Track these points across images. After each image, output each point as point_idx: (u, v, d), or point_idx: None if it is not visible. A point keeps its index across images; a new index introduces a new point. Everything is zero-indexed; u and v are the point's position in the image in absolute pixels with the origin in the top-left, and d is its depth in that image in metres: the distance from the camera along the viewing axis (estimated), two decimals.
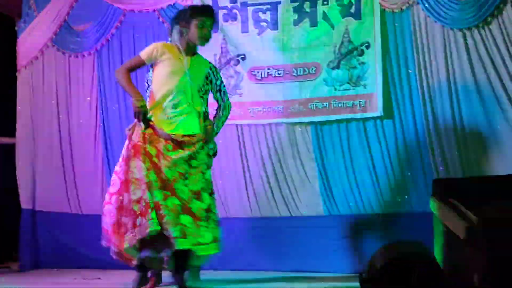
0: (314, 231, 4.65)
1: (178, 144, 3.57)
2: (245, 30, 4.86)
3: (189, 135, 3.61)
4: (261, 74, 4.83)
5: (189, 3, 4.99)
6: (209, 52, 4.90)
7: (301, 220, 4.74)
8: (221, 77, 3.91)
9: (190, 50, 3.72)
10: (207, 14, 3.71)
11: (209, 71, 3.84)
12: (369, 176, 4.58)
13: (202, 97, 3.77)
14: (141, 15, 5.12)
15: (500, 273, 2.71)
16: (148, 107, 3.59)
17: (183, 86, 3.60)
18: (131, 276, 3.73)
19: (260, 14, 4.84)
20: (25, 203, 5.26)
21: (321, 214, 4.69)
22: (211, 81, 3.84)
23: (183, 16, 3.70)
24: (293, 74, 4.74)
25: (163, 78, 3.63)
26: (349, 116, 4.60)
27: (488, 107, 4.33)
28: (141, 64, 3.72)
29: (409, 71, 4.54)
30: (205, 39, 3.71)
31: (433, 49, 4.47)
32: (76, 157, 5.21)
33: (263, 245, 4.77)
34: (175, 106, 3.59)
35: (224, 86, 3.90)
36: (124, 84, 3.68)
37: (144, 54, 3.67)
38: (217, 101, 3.89)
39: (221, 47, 4.90)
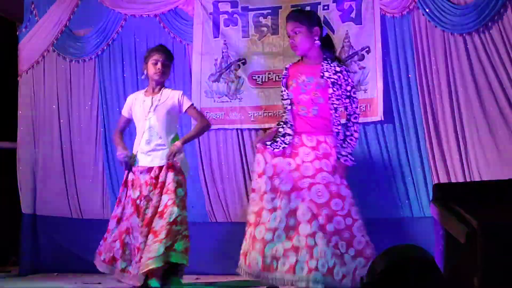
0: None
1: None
2: (245, 35, 4.88)
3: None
4: (262, 78, 4.83)
5: (190, 8, 5.01)
6: (210, 57, 4.93)
7: None
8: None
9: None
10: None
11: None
12: (370, 180, 4.58)
13: None
14: (142, 20, 5.14)
15: (500, 278, 2.71)
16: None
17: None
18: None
19: (261, 19, 4.85)
20: (25, 208, 5.26)
21: None
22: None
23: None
24: None
25: None
26: None
27: (489, 111, 4.32)
28: None
29: (409, 75, 4.54)
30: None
31: (433, 53, 4.48)
32: (76, 162, 5.22)
33: None
34: None
35: None
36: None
37: None
38: None
39: (222, 52, 4.91)
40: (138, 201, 3.92)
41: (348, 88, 3.60)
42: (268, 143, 3.60)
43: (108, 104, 5.17)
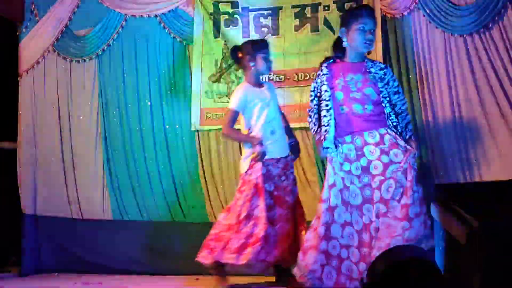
0: None
1: None
2: (246, 35, 4.87)
3: None
4: (262, 79, 4.82)
5: (190, 9, 5.01)
6: (210, 57, 4.93)
7: None
8: None
9: None
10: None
11: None
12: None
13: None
14: (142, 20, 5.14)
15: (500, 278, 2.71)
16: None
17: None
18: (131, 281, 3.74)
19: (261, 19, 4.85)
20: (26, 208, 5.26)
21: None
22: None
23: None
24: (294, 79, 4.75)
25: None
26: None
27: (489, 112, 4.33)
28: None
29: (410, 76, 4.54)
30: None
31: (434, 54, 4.48)
32: (77, 162, 5.21)
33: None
34: None
35: None
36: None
37: None
38: None
39: (223, 52, 4.91)
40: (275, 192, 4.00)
41: (395, 84, 3.63)
42: (332, 152, 3.55)
43: (108, 104, 5.16)
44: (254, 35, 4.85)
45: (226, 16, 4.93)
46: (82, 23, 5.27)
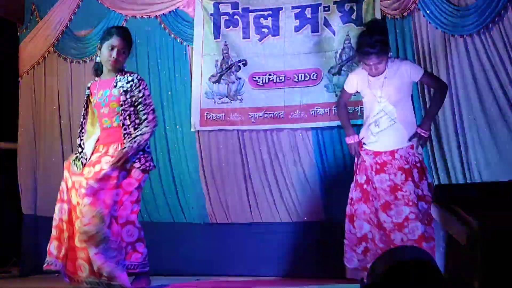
0: (315, 237, 4.65)
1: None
2: (246, 36, 4.88)
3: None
4: (262, 80, 4.83)
5: (190, 10, 5.01)
6: (210, 58, 4.93)
7: (302, 225, 4.74)
8: None
9: None
10: None
11: None
12: None
13: None
14: (142, 21, 5.14)
15: (501, 280, 2.71)
16: None
17: None
18: (131, 281, 3.73)
19: (262, 20, 4.85)
20: (26, 208, 5.27)
21: (321, 219, 4.69)
22: None
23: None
24: (294, 80, 4.75)
25: None
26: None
27: (489, 112, 4.33)
28: None
29: None
30: None
31: (434, 55, 4.48)
32: None
33: (264, 250, 4.76)
34: None
35: None
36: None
37: None
38: None
39: (223, 53, 4.91)
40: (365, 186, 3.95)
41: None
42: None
43: None
44: (254, 36, 4.85)
45: (226, 17, 4.93)
46: (82, 24, 5.28)
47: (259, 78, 4.84)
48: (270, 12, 4.83)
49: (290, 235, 4.72)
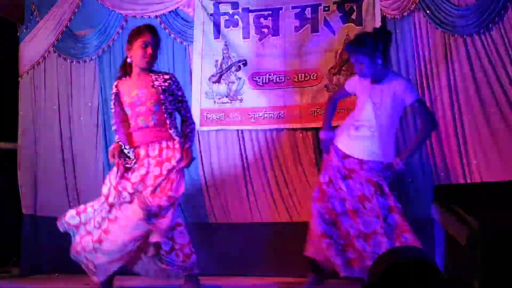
0: None
1: None
2: (246, 36, 4.88)
3: None
4: (262, 80, 4.84)
5: (190, 10, 5.01)
6: (210, 58, 4.93)
7: (302, 225, 4.73)
8: None
9: None
10: None
11: None
12: None
13: None
14: (142, 21, 5.11)
15: (500, 279, 2.71)
16: None
17: None
18: (131, 282, 3.73)
19: (262, 20, 4.86)
20: (26, 208, 5.27)
21: None
22: None
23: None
24: (294, 80, 4.75)
25: None
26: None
27: (489, 112, 4.33)
28: None
29: (410, 76, 4.54)
30: None
31: (434, 55, 4.48)
32: (77, 162, 5.22)
33: (264, 250, 4.76)
34: None
35: None
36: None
37: None
38: None
39: (223, 53, 4.92)
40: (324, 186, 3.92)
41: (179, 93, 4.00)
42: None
43: (109, 105, 5.14)
44: (254, 36, 4.85)
45: (226, 17, 4.94)
46: (82, 24, 5.28)
47: (259, 78, 4.84)
48: (270, 12, 4.84)
49: (290, 235, 4.71)
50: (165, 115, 3.73)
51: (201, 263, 4.75)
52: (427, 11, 4.46)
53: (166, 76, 3.81)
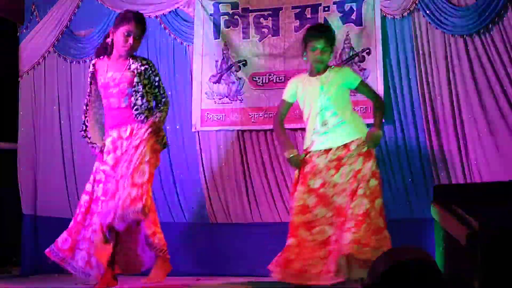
0: None
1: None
2: (246, 36, 4.88)
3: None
4: (262, 80, 4.84)
5: (190, 10, 5.01)
6: (210, 58, 4.93)
7: None
8: None
9: None
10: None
11: None
12: None
13: None
14: None
15: (500, 279, 2.71)
16: None
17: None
18: (131, 282, 3.73)
19: (262, 20, 4.86)
20: (26, 208, 5.27)
21: None
22: None
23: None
24: None
25: None
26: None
27: (489, 112, 4.33)
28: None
29: (410, 77, 4.54)
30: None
31: (434, 55, 4.48)
32: (77, 162, 5.22)
33: (264, 250, 4.76)
34: None
35: None
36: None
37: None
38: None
39: (223, 53, 4.92)
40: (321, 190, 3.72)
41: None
42: None
43: None
44: (254, 36, 4.85)
45: (226, 17, 4.94)
46: (82, 24, 5.28)
47: (259, 78, 4.84)
48: (270, 12, 4.84)
49: None
50: (137, 97, 3.76)
51: (201, 263, 4.77)
52: (427, 11, 4.46)
53: (144, 61, 3.85)
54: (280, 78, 4.79)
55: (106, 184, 3.77)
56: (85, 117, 3.92)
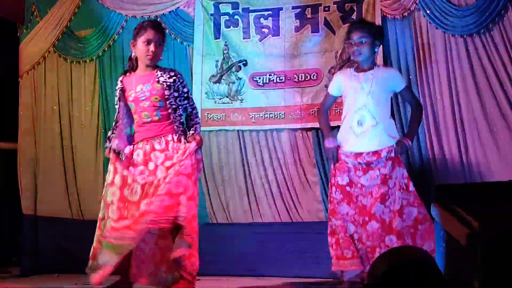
0: (315, 237, 4.65)
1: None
2: (246, 36, 4.88)
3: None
4: (263, 80, 4.84)
5: (190, 10, 5.01)
6: (211, 58, 4.93)
7: (302, 225, 4.74)
8: None
9: None
10: None
11: None
12: None
13: None
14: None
15: (501, 280, 2.71)
16: None
17: None
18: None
19: (262, 20, 4.86)
20: (26, 209, 5.27)
21: (322, 219, 4.68)
22: None
23: None
24: (295, 80, 4.75)
25: None
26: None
27: (489, 112, 4.33)
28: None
29: (410, 76, 4.54)
30: None
31: (434, 55, 4.48)
32: (77, 163, 5.23)
33: (264, 250, 4.76)
34: None
35: None
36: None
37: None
38: None
39: (223, 53, 4.92)
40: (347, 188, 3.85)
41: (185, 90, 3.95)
42: None
43: (109, 105, 5.17)
44: (254, 36, 4.85)
45: (227, 17, 4.94)
46: (82, 24, 5.28)
47: (259, 78, 4.84)
48: (270, 12, 4.84)
49: (290, 235, 4.72)
50: (169, 111, 3.73)
51: (201, 263, 4.76)
52: (427, 11, 4.46)
53: (172, 73, 3.78)
54: (280, 78, 4.79)
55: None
56: (113, 132, 3.82)
